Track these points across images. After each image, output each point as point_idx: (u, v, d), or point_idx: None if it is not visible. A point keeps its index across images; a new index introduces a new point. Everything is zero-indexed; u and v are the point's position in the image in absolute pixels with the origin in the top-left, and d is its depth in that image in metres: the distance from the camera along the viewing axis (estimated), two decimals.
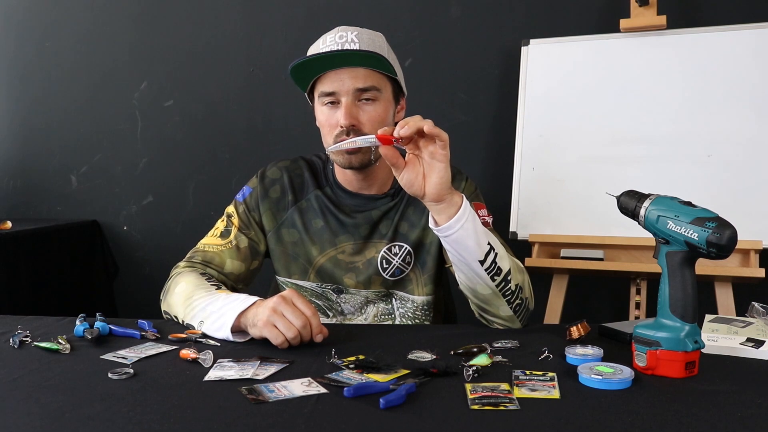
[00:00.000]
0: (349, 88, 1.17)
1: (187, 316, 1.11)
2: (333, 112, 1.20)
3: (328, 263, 1.28)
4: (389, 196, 1.29)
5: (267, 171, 1.34)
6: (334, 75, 1.18)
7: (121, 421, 0.72)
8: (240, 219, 1.30)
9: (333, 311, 1.30)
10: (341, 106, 1.18)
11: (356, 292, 1.28)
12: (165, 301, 1.21)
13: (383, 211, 1.28)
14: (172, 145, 2.61)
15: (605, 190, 1.02)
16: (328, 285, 1.29)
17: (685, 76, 1.94)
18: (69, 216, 2.71)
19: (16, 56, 2.75)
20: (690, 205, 0.86)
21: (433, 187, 1.00)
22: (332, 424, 0.71)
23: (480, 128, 2.31)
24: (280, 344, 0.97)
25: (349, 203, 1.29)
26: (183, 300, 1.14)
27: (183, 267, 1.25)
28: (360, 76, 1.17)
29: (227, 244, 1.28)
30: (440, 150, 0.98)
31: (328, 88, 1.19)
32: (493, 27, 2.30)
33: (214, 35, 2.55)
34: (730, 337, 0.98)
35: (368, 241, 1.28)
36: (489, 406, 0.75)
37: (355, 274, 1.27)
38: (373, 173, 1.26)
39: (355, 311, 1.30)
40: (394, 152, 0.99)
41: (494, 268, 1.06)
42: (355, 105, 1.18)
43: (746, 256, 1.79)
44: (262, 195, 1.30)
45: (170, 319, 1.18)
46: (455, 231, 1.02)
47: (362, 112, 1.18)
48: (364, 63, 1.18)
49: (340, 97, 1.18)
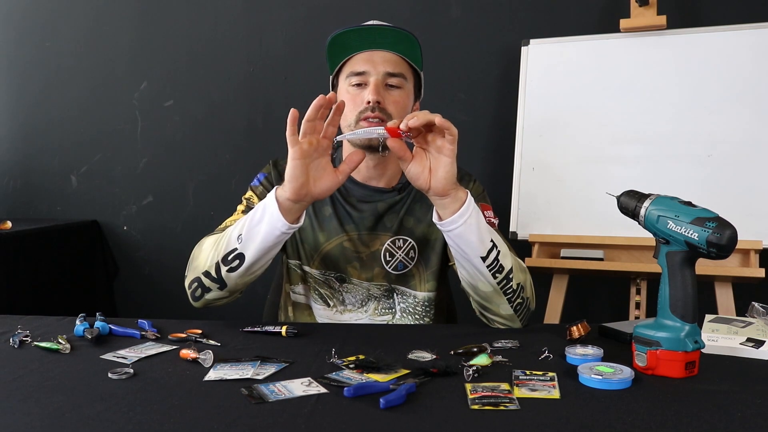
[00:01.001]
0: (380, 70, 1.21)
1: (220, 250, 1.08)
2: (359, 92, 1.22)
3: (334, 250, 1.28)
4: (396, 190, 1.30)
5: (279, 160, 1.35)
6: (366, 56, 1.23)
7: (121, 421, 0.72)
8: (259, 198, 1.29)
9: (334, 300, 1.30)
10: (369, 84, 1.21)
11: (358, 282, 1.29)
12: (190, 269, 1.16)
13: (389, 204, 1.29)
14: (172, 145, 2.61)
15: (605, 190, 1.02)
16: (332, 273, 1.29)
17: (685, 76, 1.94)
18: (69, 216, 2.71)
19: (16, 56, 2.75)
20: (690, 205, 0.86)
21: (438, 182, 1.01)
22: (332, 424, 0.71)
23: (480, 128, 2.31)
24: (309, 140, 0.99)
25: (356, 194, 1.30)
26: (212, 245, 1.11)
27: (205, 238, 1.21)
28: (391, 61, 1.22)
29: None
30: (448, 145, 0.99)
31: (359, 68, 1.22)
32: (493, 27, 2.30)
33: (214, 35, 2.55)
34: (730, 337, 0.98)
35: (372, 233, 1.28)
36: (489, 406, 0.75)
37: (359, 264, 1.28)
38: (384, 165, 1.27)
39: (356, 302, 1.30)
40: (402, 145, 1.01)
41: (496, 265, 1.06)
42: (383, 87, 1.21)
43: (746, 256, 1.79)
44: (277, 178, 1.31)
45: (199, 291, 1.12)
46: (458, 226, 1.03)
47: (388, 95, 1.21)
48: (398, 48, 1.22)
49: (369, 78, 1.21)
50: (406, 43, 1.23)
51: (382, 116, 1.18)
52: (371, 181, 1.30)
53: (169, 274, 2.46)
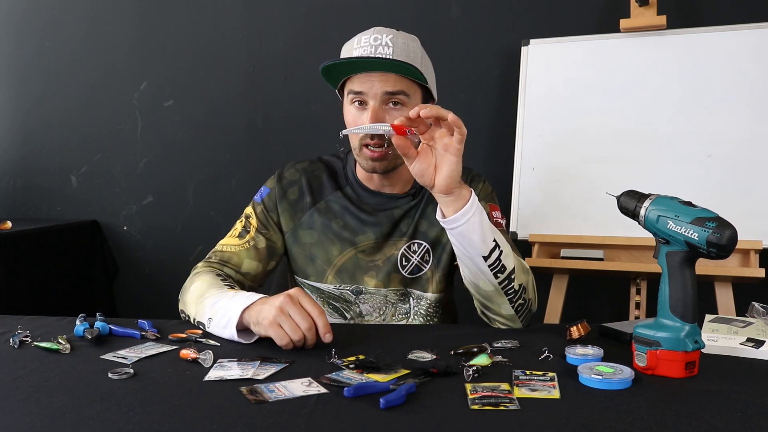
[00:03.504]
0: (378, 91, 1.17)
1: (198, 314, 1.11)
2: (360, 113, 1.20)
3: (348, 263, 1.28)
4: (410, 195, 1.30)
5: (285, 172, 1.34)
6: (364, 76, 1.19)
7: (121, 421, 0.72)
8: (258, 220, 1.30)
9: (351, 312, 1.30)
10: (368, 108, 1.18)
11: (375, 291, 1.28)
12: (181, 300, 1.20)
13: (405, 209, 1.29)
14: (172, 145, 2.61)
15: (605, 190, 1.02)
16: (347, 286, 1.29)
17: (685, 76, 1.94)
18: (69, 216, 2.70)
19: (16, 56, 2.75)
20: (690, 205, 0.86)
21: (443, 179, 1.01)
22: (332, 424, 0.71)
23: (480, 128, 2.31)
24: (285, 345, 0.97)
25: (370, 201, 1.30)
26: (195, 298, 1.14)
27: (201, 267, 1.25)
28: (390, 80, 1.18)
29: (245, 244, 1.28)
30: (456, 144, 0.99)
31: (357, 88, 1.19)
32: (493, 27, 2.30)
33: (214, 35, 2.55)
34: (730, 337, 0.98)
35: (388, 239, 1.28)
36: (489, 406, 0.75)
37: (375, 272, 1.28)
38: (397, 173, 1.27)
39: (373, 311, 1.30)
40: (406, 142, 1.01)
41: (498, 265, 1.06)
42: (383, 109, 1.18)
43: (746, 256, 1.79)
44: (280, 196, 1.31)
45: (186, 319, 1.17)
46: (461, 224, 1.03)
47: (388, 116, 1.18)
48: (395, 69, 1.18)
49: (368, 99, 1.19)
50: (403, 68, 1.17)
51: (381, 142, 1.19)
52: (384, 189, 1.30)
53: (169, 274, 2.46)
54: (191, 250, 2.45)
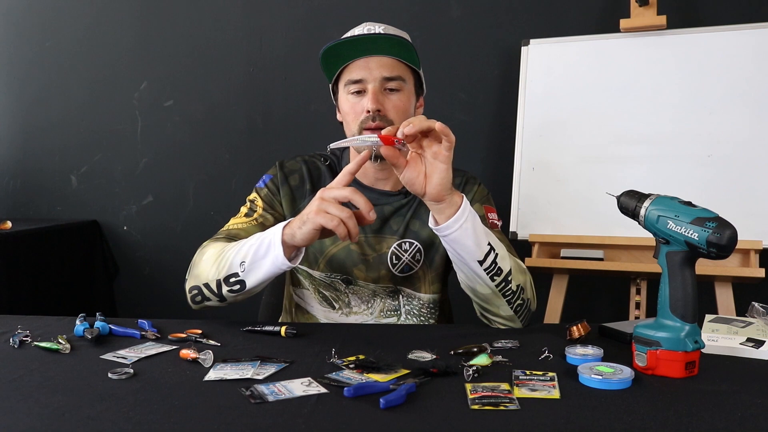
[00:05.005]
0: (377, 76, 1.21)
1: (221, 270, 1.09)
2: (359, 100, 1.23)
3: (340, 252, 1.28)
4: (402, 193, 1.30)
5: (286, 162, 1.35)
6: (362, 63, 1.22)
7: (121, 421, 0.72)
8: (263, 201, 1.30)
9: (340, 302, 1.30)
10: (368, 92, 1.21)
11: (365, 284, 1.29)
12: (191, 275, 1.16)
13: (395, 207, 1.29)
14: (172, 145, 2.61)
15: (605, 190, 1.02)
16: (338, 275, 1.29)
17: (685, 76, 1.94)
18: (69, 216, 2.70)
19: (16, 56, 2.75)
20: (690, 205, 0.86)
21: (433, 187, 1.01)
22: (332, 424, 0.71)
23: (480, 128, 2.31)
24: (335, 227, 0.97)
25: None
26: (214, 261, 1.11)
27: (207, 243, 1.22)
28: (387, 65, 1.22)
29: (252, 221, 1.27)
30: (444, 151, 0.99)
31: (355, 76, 1.22)
32: (493, 27, 2.30)
33: (214, 35, 2.55)
34: (730, 337, 0.98)
35: (379, 236, 1.29)
36: (489, 406, 0.75)
37: (365, 266, 1.28)
38: (390, 168, 1.27)
39: (362, 304, 1.30)
40: (395, 152, 1.00)
41: (494, 268, 1.06)
42: (382, 92, 1.21)
43: (746, 256, 1.79)
44: (282, 181, 1.31)
45: (199, 298, 1.13)
46: (454, 231, 1.03)
47: (387, 100, 1.22)
48: (392, 51, 1.22)
49: (366, 85, 1.22)
50: (400, 46, 1.22)
51: (382, 124, 1.19)
52: (378, 184, 1.30)
53: (169, 274, 2.46)
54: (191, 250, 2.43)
